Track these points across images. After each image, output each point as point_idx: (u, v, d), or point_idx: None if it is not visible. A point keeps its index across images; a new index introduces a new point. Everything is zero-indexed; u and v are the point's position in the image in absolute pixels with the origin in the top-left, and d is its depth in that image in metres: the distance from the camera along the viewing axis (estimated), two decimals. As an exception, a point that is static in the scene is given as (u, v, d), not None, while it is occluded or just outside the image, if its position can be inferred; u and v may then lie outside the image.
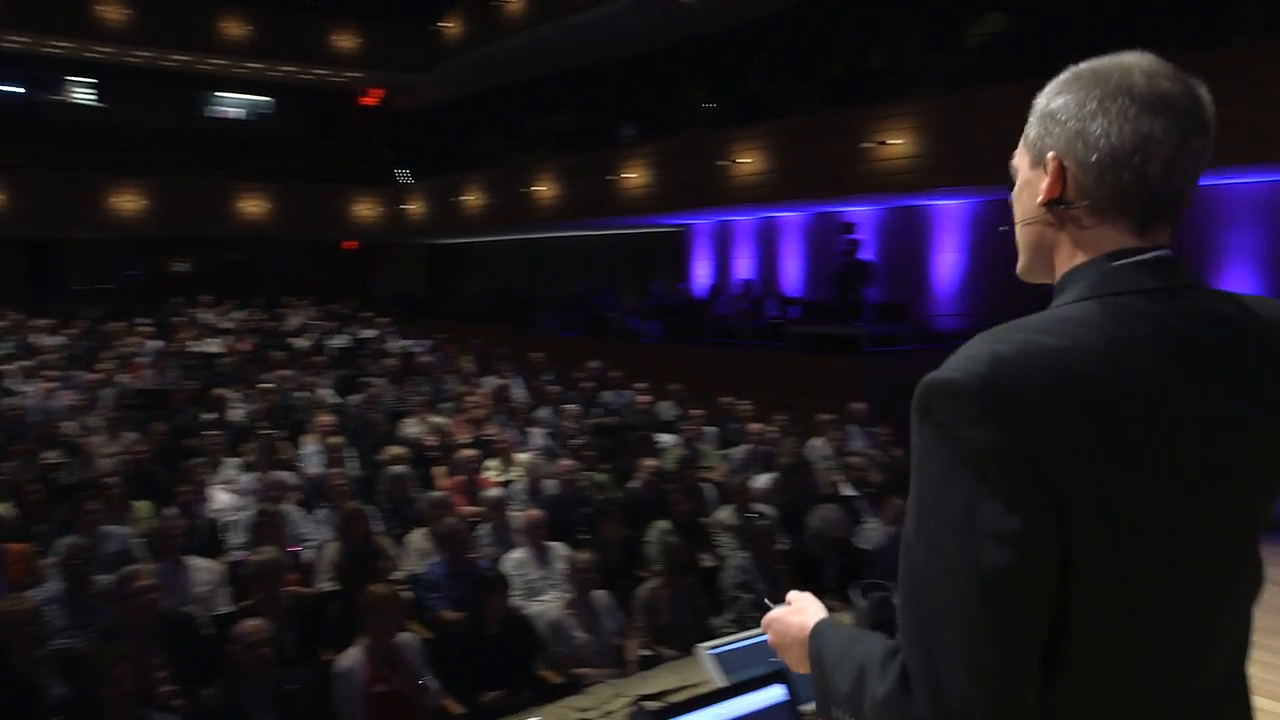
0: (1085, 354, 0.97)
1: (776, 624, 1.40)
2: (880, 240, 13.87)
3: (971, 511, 0.94)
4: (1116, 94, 1.05)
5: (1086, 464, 0.94)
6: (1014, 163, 1.25)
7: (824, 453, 8.40)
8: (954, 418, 0.96)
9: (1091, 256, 1.08)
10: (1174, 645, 1.02)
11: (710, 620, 4.95)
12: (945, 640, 0.96)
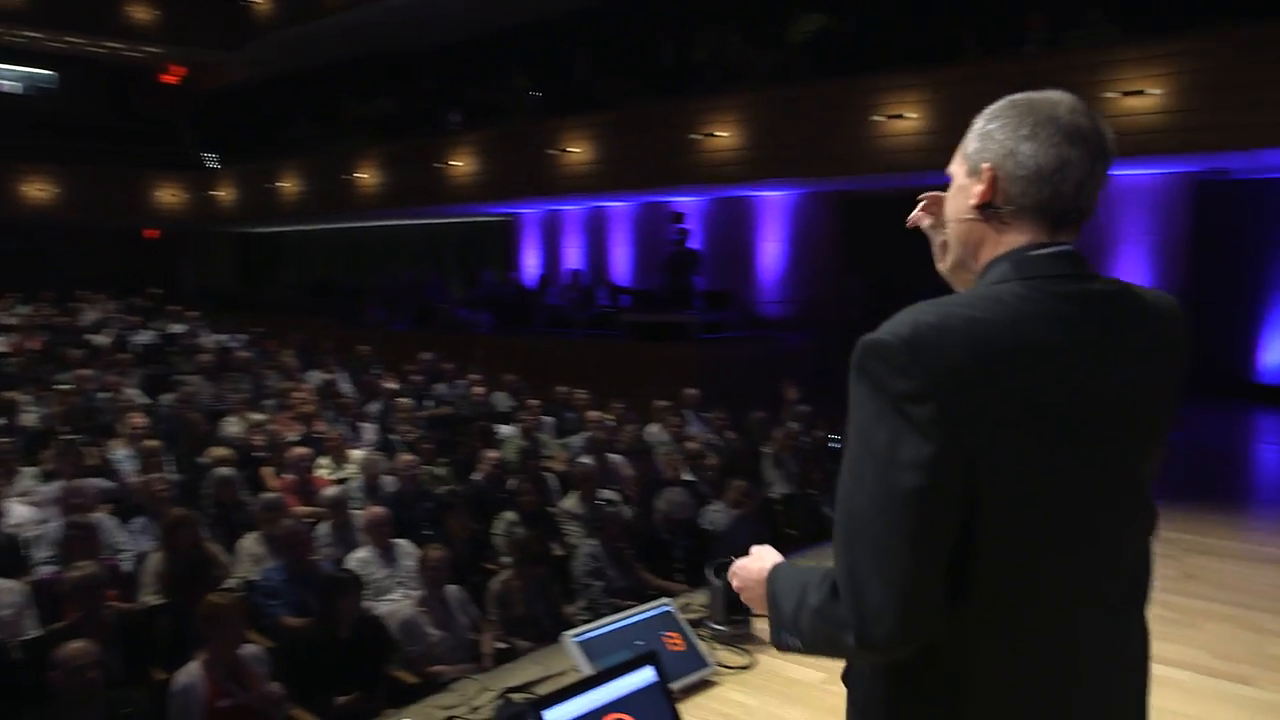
0: (993, 324, 1.18)
1: (740, 571, 1.56)
2: (707, 230, 14.26)
3: (894, 445, 1.14)
4: (1045, 124, 1.26)
5: (990, 413, 1.14)
6: (950, 169, 1.43)
7: (662, 439, 8.57)
8: (882, 371, 1.16)
9: (1011, 248, 1.29)
10: (1073, 573, 1.20)
11: (564, 609, 4.97)
12: (866, 554, 1.14)
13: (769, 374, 12.34)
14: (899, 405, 1.14)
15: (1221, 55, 8.59)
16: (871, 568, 1.14)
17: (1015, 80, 7.24)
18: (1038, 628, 1.19)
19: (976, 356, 1.15)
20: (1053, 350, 1.19)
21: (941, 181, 3.16)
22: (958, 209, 1.37)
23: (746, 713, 3.27)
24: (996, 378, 1.15)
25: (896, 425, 1.14)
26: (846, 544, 1.17)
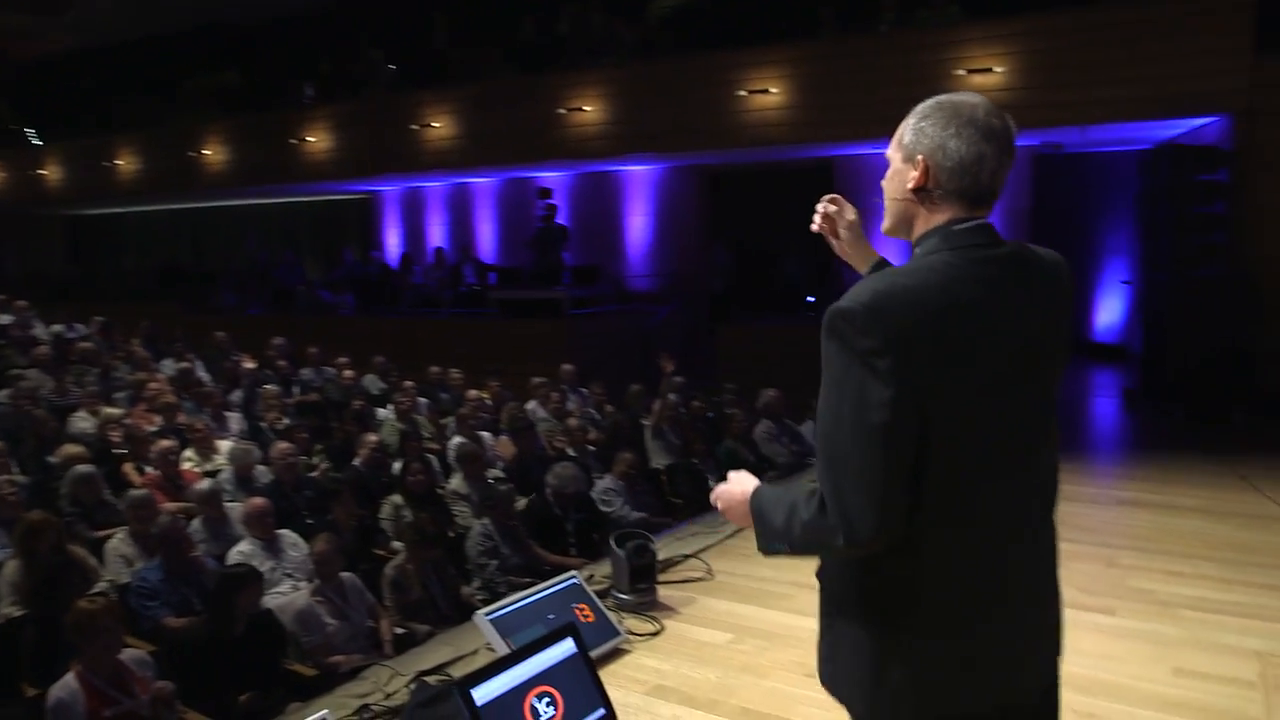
0: (930, 289, 1.49)
1: (723, 493, 1.79)
2: (574, 205, 14.22)
3: (862, 390, 1.44)
4: (967, 124, 1.56)
5: (933, 360, 1.45)
6: (888, 154, 1.69)
7: (541, 415, 8.55)
8: (850, 332, 1.46)
9: (938, 224, 1.60)
10: (1001, 479, 1.53)
11: (461, 590, 4.92)
12: (847, 474, 1.46)
13: (639, 347, 12.48)
14: (865, 359, 1.44)
15: (1057, 36, 9.18)
16: (852, 485, 1.45)
17: (870, 57, 7.76)
18: (973, 521, 1.52)
19: (920, 317, 1.45)
20: (977, 305, 1.50)
21: (803, 155, 3.50)
22: (896, 189, 1.66)
23: (661, 677, 3.35)
24: (936, 332, 1.46)
25: (863, 375, 1.44)
26: (829, 468, 1.48)
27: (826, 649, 1.70)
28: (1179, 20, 8.58)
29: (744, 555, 4.73)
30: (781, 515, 1.58)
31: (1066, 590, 3.81)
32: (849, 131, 10.43)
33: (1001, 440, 1.52)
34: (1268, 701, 3.13)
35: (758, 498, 1.68)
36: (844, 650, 1.64)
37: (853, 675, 1.62)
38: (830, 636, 1.68)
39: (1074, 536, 4.92)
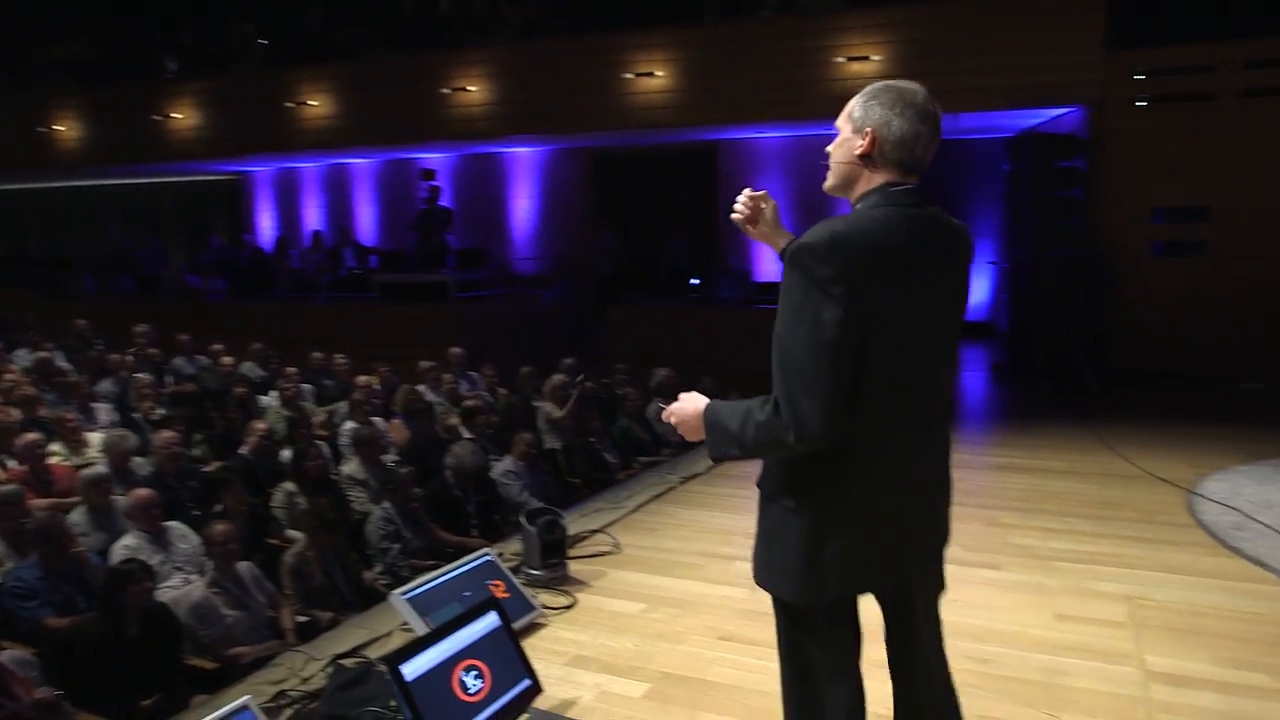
0: (873, 235, 1.81)
1: (677, 410, 2.02)
2: (458, 187, 14.00)
3: (819, 311, 1.74)
4: (909, 107, 1.87)
5: (874, 290, 1.76)
6: (838, 124, 1.96)
7: (434, 399, 8.42)
8: (812, 263, 1.75)
9: (878, 185, 1.90)
10: (916, 390, 1.88)
11: (363, 575, 4.83)
12: (800, 380, 1.75)
13: (527, 330, 12.43)
14: (822, 286, 1.74)
15: (930, 26, 9.60)
16: (805, 390, 1.74)
17: (754, 43, 7.99)
18: (893, 420, 1.86)
19: (866, 254, 1.77)
20: (908, 249, 1.83)
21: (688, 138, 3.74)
22: (845, 154, 1.94)
23: (579, 648, 3.39)
24: (878, 267, 1.78)
25: (820, 299, 1.74)
26: (785, 377, 1.76)
27: (763, 550, 1.96)
28: (1039, 16, 9.10)
29: (648, 529, 4.81)
30: (736, 421, 1.84)
31: (955, 550, 4.03)
32: (733, 115, 10.64)
33: (918, 357, 1.87)
34: (1137, 638, 3.42)
35: (712, 409, 1.93)
36: (778, 545, 1.91)
37: (788, 565, 1.90)
38: (766, 537, 1.95)
39: (958, 500, 5.16)
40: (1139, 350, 8.99)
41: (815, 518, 1.86)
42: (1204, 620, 3.58)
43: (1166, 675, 3.14)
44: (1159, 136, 8.98)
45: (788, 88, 10.26)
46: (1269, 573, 4.07)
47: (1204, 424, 7.13)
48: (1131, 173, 9.04)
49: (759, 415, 1.79)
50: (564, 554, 4.09)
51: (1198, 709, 2.92)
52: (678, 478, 5.78)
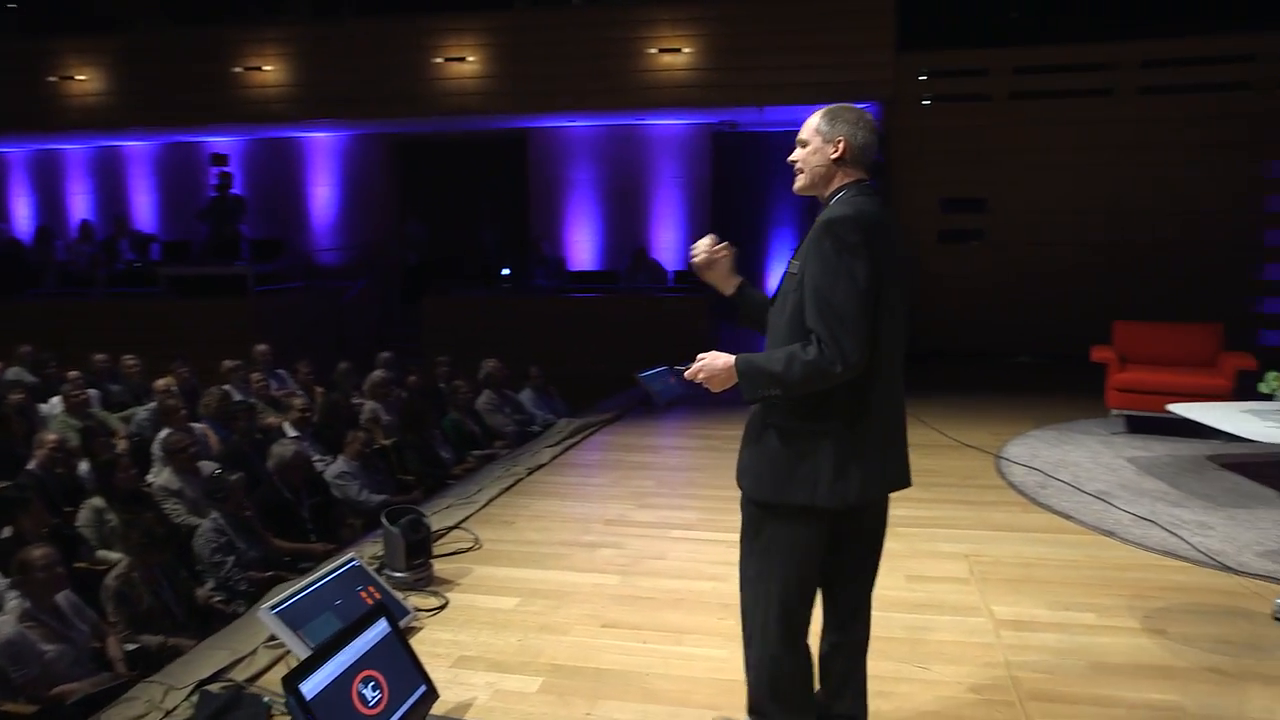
0: (870, 213, 2.26)
1: (705, 365, 2.34)
2: (251, 173, 13.10)
3: (853, 267, 2.17)
4: (865, 124, 2.35)
5: (879, 252, 2.21)
6: (803, 136, 2.37)
7: (244, 399, 7.86)
8: (844, 231, 2.20)
9: (852, 181, 2.36)
10: (895, 335, 2.28)
11: (195, 593, 4.45)
12: (841, 323, 2.16)
13: (333, 324, 11.85)
14: (853, 249, 2.18)
15: (735, 23, 9.94)
16: (846, 330, 2.16)
17: (565, 30, 8.07)
18: (890, 356, 2.29)
19: (873, 226, 2.23)
20: (887, 226, 2.29)
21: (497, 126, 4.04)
22: (822, 159, 2.35)
23: (461, 648, 3.29)
24: (879, 236, 2.23)
25: (851, 259, 2.18)
26: (828, 322, 2.16)
27: (786, 469, 2.30)
28: (838, 17, 9.66)
29: (505, 523, 4.73)
30: (779, 364, 2.21)
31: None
32: (545, 103, 10.58)
33: (899, 306, 2.29)
34: (981, 591, 3.73)
35: (744, 360, 2.28)
36: (809, 462, 2.28)
37: (820, 476, 2.26)
38: (792, 459, 2.29)
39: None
40: (930, 331, 9.76)
41: (841, 437, 2.26)
42: (1033, 570, 3.96)
43: (1012, 622, 3.44)
44: (943, 133, 9.76)
45: (600, 77, 10.33)
46: (1075, 524, 4.54)
47: (993, 395, 7.86)
48: (920, 167, 9.77)
49: (805, 355, 2.17)
50: (429, 553, 3.95)
51: (1043, 647, 3.23)
52: (524, 469, 5.71)
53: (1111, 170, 9.36)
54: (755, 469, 2.37)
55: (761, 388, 2.23)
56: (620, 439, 6.65)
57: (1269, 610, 3.52)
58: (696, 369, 2.33)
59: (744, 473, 2.41)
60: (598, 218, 12.42)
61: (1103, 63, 9.35)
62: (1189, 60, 9.14)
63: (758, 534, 2.40)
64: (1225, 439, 5.81)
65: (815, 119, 2.34)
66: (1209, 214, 9.13)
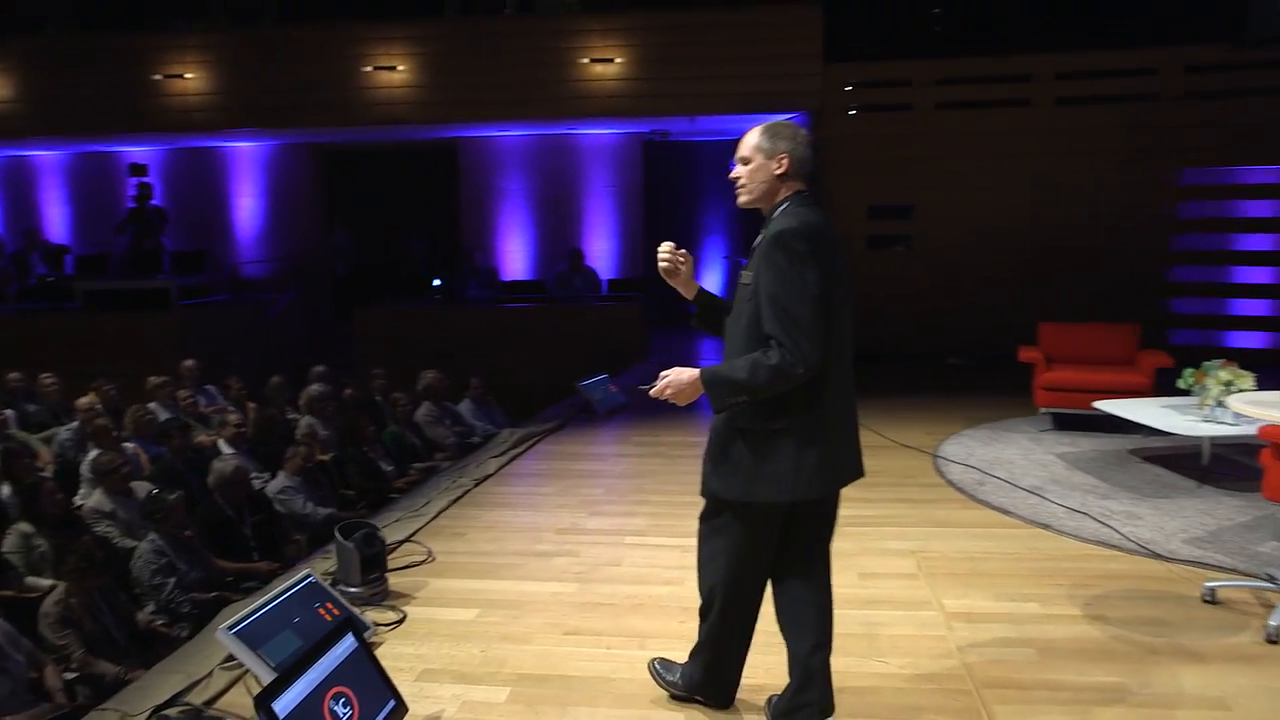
0: (816, 222, 2.41)
1: (671, 380, 2.47)
2: (171, 184, 12.72)
3: (804, 275, 2.32)
4: (803, 140, 2.51)
5: (826, 259, 2.37)
6: (745, 154, 2.50)
7: (167, 415, 7.62)
8: (794, 242, 2.34)
9: (793, 193, 2.50)
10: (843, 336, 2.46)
11: (136, 617, 4.31)
12: (799, 327, 2.30)
13: (261, 337, 11.59)
14: (803, 258, 2.34)
15: (667, 33, 10.05)
16: (804, 334, 2.31)
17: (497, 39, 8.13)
18: (840, 357, 2.46)
19: (819, 235, 2.39)
20: (830, 234, 2.44)
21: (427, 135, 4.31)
22: (766, 175, 2.49)
23: (425, 661, 3.27)
24: (825, 245, 2.39)
25: (803, 266, 2.33)
26: (787, 327, 2.31)
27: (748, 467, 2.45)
28: (768, 28, 9.84)
29: (456, 534, 4.70)
30: (744, 372, 2.34)
31: None
32: (476, 112, 10.53)
33: (846, 308, 2.46)
34: (931, 586, 3.84)
35: (709, 373, 2.42)
36: (770, 460, 2.43)
37: (780, 471, 2.42)
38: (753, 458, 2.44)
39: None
40: (860, 335, 9.95)
41: (801, 434, 2.42)
42: (978, 564, 4.09)
43: (962, 614, 3.56)
44: (870, 142, 10.02)
45: (532, 86, 10.33)
46: (1013, 518, 4.71)
47: (925, 396, 8.09)
48: (848, 175, 10.01)
49: (770, 361, 2.31)
50: (385, 567, 3.90)
51: (993, 638, 3.35)
52: (471, 480, 5.67)
53: (1031, 177, 9.72)
54: (722, 472, 2.51)
55: (728, 396, 2.37)
56: (564, 448, 6.65)
57: (1198, 594, 3.71)
58: (662, 386, 2.46)
59: (710, 477, 2.55)
60: (530, 227, 12.39)
61: (1019, 74, 9.72)
62: (1098, 73, 9.56)
63: (720, 529, 2.58)
64: (1146, 433, 6.11)
65: (755, 137, 2.48)
66: (1123, 220, 9.55)
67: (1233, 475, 5.38)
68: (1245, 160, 9.25)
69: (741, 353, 2.39)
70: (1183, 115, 9.33)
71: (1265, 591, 3.69)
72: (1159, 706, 2.86)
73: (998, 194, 9.85)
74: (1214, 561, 4.05)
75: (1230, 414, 5.08)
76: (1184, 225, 9.57)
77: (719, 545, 2.59)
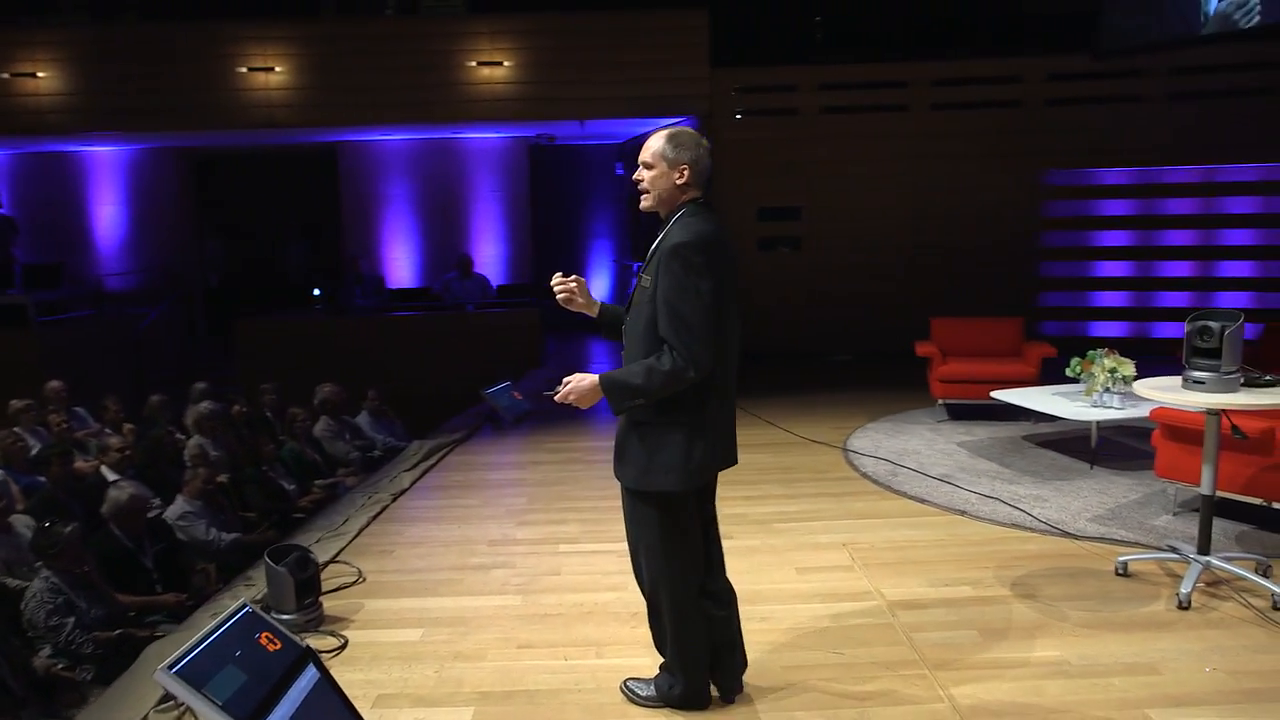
0: (710, 232, 2.56)
1: (573, 386, 2.62)
2: (21, 192, 11.81)
3: (699, 283, 2.48)
4: (703, 148, 2.66)
5: (719, 267, 2.53)
6: (649, 160, 2.63)
7: (37, 441, 7.07)
8: (689, 253, 2.49)
9: (689, 200, 2.64)
10: (732, 342, 2.64)
11: (33, 662, 3.98)
12: (691, 333, 2.46)
13: (129, 354, 10.89)
14: (698, 268, 2.48)
15: (555, 36, 10.00)
16: (695, 339, 2.47)
17: (378, 41, 8.07)
18: (727, 358, 2.63)
19: (713, 244, 2.54)
20: (724, 242, 2.60)
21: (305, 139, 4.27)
22: (668, 183, 2.62)
23: (378, 687, 3.15)
24: (719, 253, 2.54)
25: (697, 275, 2.48)
26: (679, 332, 2.47)
27: (643, 461, 2.62)
28: (656, 34, 9.92)
29: (383, 552, 4.54)
30: (639, 378, 2.51)
31: None
32: (358, 115, 10.21)
33: (734, 316, 2.64)
34: (867, 576, 3.96)
35: (607, 379, 2.56)
36: (664, 453, 2.60)
37: (673, 464, 2.60)
38: (648, 451, 2.61)
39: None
40: (752, 335, 10.16)
41: (690, 428, 2.59)
42: (907, 552, 4.25)
43: (903, 602, 3.69)
44: (758, 146, 10.25)
45: (417, 90, 10.09)
46: (930, 506, 4.91)
47: (824, 393, 8.32)
48: (737, 178, 10.20)
49: (662, 366, 2.48)
50: (319, 591, 3.73)
51: (936, 622, 3.48)
52: (388, 495, 5.50)
53: (912, 179, 10.15)
54: (624, 464, 2.70)
55: (626, 400, 2.55)
56: (478, 458, 6.52)
57: (1110, 568, 3.95)
58: (566, 392, 2.62)
59: (617, 468, 2.74)
60: (416, 233, 12.11)
61: (897, 81, 10.13)
62: (969, 80, 10.07)
63: (638, 519, 2.73)
64: (1036, 419, 6.48)
65: (660, 143, 2.62)
66: (997, 219, 10.09)
67: (1120, 456, 5.76)
68: (1102, 163, 9.93)
69: (641, 352, 2.56)
70: (1046, 120, 9.94)
71: (1169, 562, 3.97)
72: (1097, 676, 3.04)
73: (881, 195, 10.24)
74: (1118, 536, 4.34)
75: (1117, 399, 5.44)
76: (1050, 224, 10.19)
77: (641, 533, 2.74)
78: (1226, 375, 3.52)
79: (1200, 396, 3.52)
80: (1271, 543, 4.23)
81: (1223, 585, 3.74)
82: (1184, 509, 4.70)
